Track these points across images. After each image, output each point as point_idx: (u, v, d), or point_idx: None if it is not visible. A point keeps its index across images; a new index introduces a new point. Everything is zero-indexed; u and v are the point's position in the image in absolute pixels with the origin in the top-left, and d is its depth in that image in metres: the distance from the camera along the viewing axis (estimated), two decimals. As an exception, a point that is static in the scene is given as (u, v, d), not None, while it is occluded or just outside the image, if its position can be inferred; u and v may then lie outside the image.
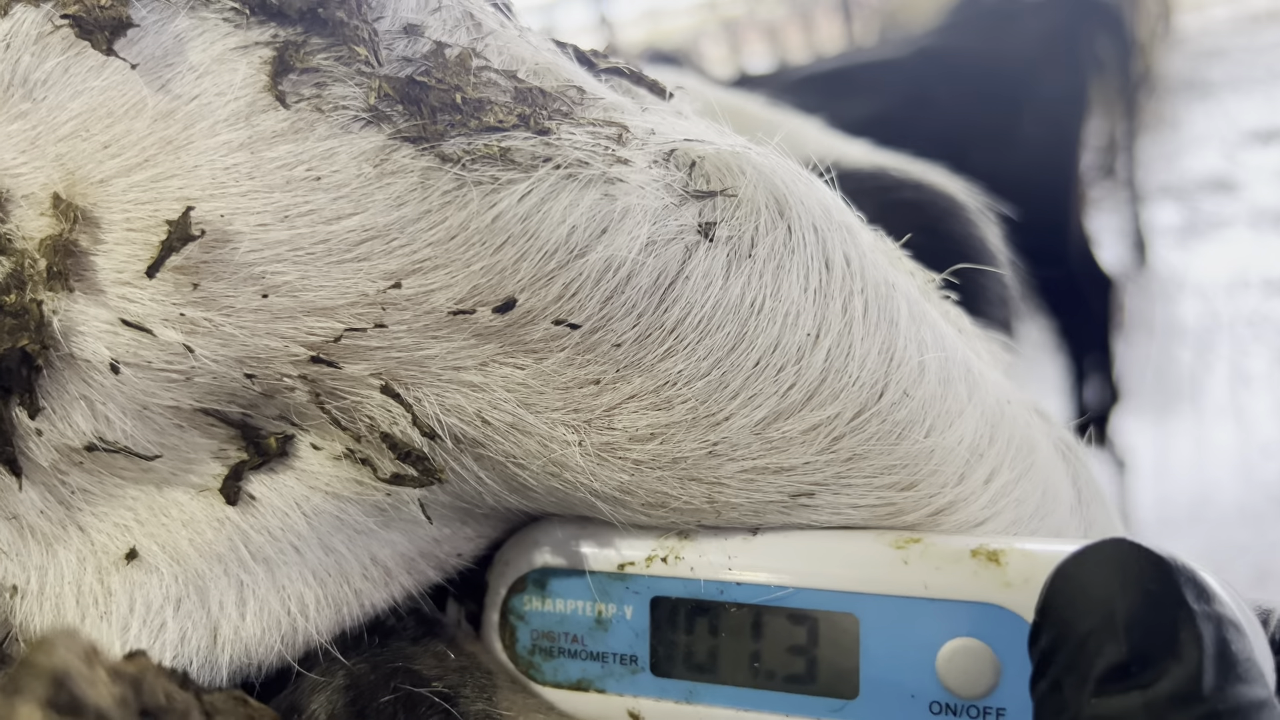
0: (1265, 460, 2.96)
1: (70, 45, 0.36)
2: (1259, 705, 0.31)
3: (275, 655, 0.40)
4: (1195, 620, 0.32)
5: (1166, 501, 2.89)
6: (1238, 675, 0.31)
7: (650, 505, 0.41)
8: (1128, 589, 0.33)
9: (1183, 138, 5.46)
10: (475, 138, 0.36)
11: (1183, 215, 4.62)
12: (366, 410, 0.38)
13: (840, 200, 0.42)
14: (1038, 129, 2.61)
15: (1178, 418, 3.28)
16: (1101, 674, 0.32)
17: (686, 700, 0.42)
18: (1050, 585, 0.35)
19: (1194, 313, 3.88)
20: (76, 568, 0.38)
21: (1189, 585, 0.33)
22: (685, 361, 0.38)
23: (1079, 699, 0.32)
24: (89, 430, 0.36)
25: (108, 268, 0.36)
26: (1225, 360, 3.52)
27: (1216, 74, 6.41)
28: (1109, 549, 0.34)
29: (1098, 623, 0.33)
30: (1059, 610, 0.34)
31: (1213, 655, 0.31)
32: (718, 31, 5.18)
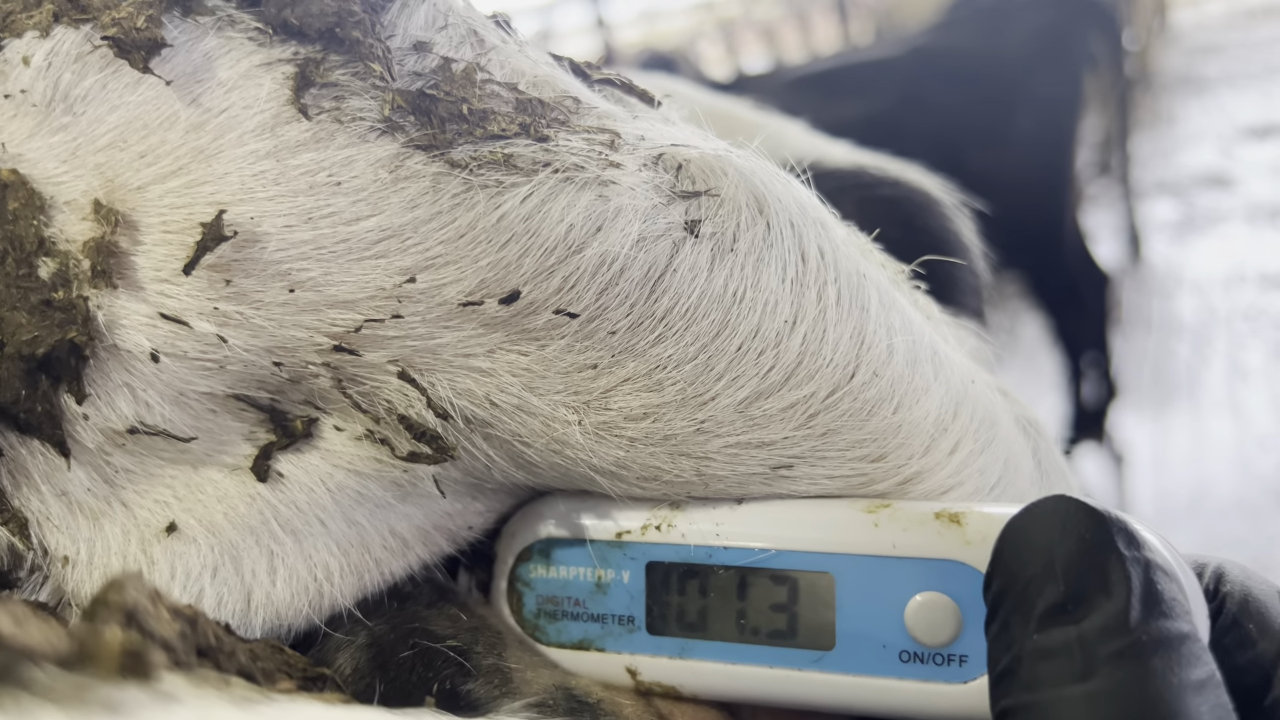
0: (1262, 454, 2.96)
1: (108, 64, 0.39)
2: (1181, 637, 0.34)
3: (303, 618, 0.43)
4: (1125, 563, 0.35)
5: (1164, 495, 2.89)
6: (1162, 611, 0.34)
7: (644, 479, 0.44)
8: (1066, 537, 0.36)
9: (1179, 134, 5.46)
10: (481, 145, 0.39)
11: (1179, 211, 4.62)
12: (384, 394, 0.41)
13: (815, 198, 0.45)
14: (1033, 127, 2.62)
15: (1175, 412, 3.28)
16: (1042, 612, 0.35)
17: (680, 655, 0.45)
18: (1001, 537, 0.38)
19: (1191, 308, 3.87)
20: (121, 540, 0.41)
21: (1120, 534, 0.36)
22: (674, 347, 0.41)
23: (1023, 635, 0.35)
24: (131, 414, 0.40)
25: (147, 266, 0.39)
26: (1222, 355, 3.51)
27: (1212, 70, 6.41)
28: (1050, 504, 0.38)
29: (1040, 568, 0.36)
30: (1007, 559, 0.38)
31: (1139, 593, 0.35)
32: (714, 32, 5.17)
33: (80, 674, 0.23)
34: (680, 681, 0.45)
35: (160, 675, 0.24)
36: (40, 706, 0.22)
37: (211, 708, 0.24)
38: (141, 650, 0.24)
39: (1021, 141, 2.62)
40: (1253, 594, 0.40)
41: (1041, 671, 0.34)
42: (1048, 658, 0.35)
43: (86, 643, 0.24)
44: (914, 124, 2.53)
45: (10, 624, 0.23)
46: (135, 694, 0.23)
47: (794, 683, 0.43)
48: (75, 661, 0.23)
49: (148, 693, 0.23)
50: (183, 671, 0.26)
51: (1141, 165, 4.85)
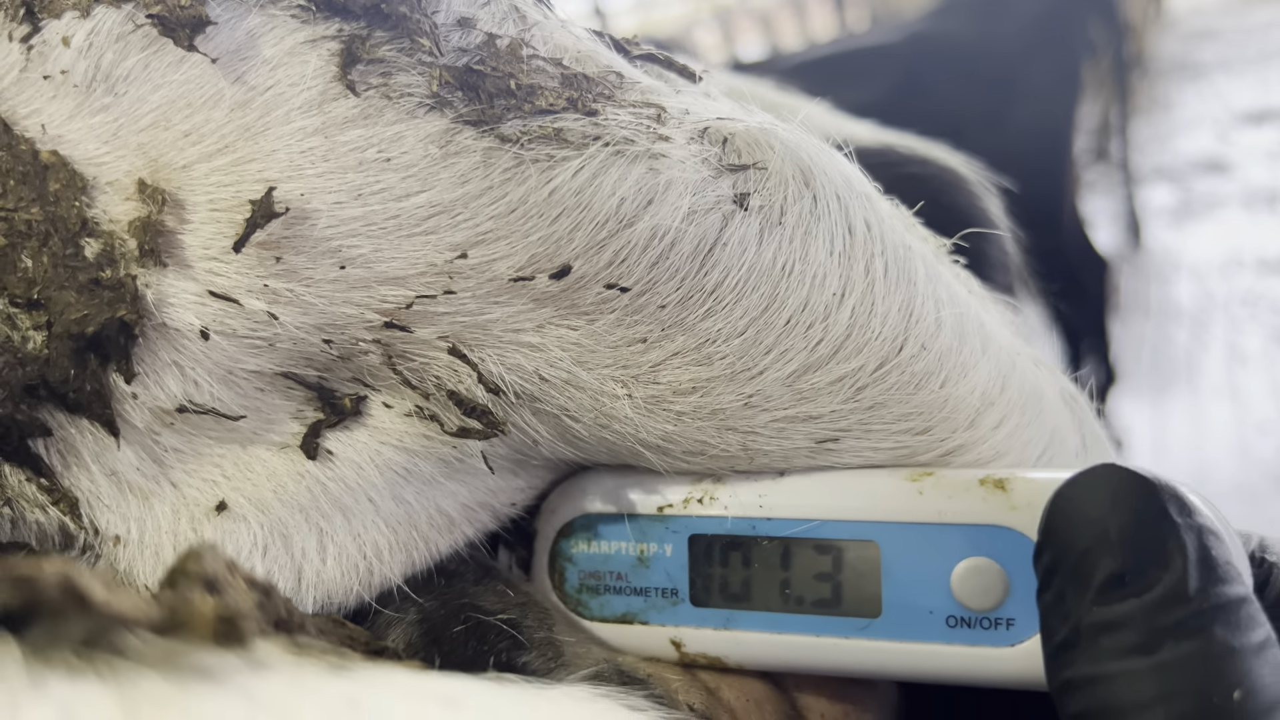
0: (1261, 438, 2.97)
1: (150, 43, 0.38)
2: (1239, 601, 0.35)
3: (354, 596, 0.43)
4: (1179, 531, 0.36)
5: (1164, 480, 2.89)
6: (1218, 577, 0.35)
7: (690, 453, 0.44)
8: (1118, 507, 0.36)
9: (1175, 119, 5.47)
10: (530, 120, 0.39)
11: (1176, 196, 4.63)
12: (434, 370, 0.41)
13: (859, 171, 0.45)
14: (1031, 113, 2.62)
15: (1174, 397, 3.28)
16: (1100, 584, 0.36)
17: (724, 626, 0.45)
18: (1050, 507, 0.38)
19: (1189, 293, 3.88)
20: (172, 519, 0.41)
21: (1172, 501, 0.36)
22: (724, 321, 0.41)
23: (1081, 607, 0.36)
24: (179, 393, 0.40)
25: (195, 245, 0.39)
26: (1220, 340, 3.52)
27: (1208, 55, 6.42)
28: (1101, 473, 0.38)
29: (1093, 539, 0.36)
30: (1059, 530, 0.38)
31: (1196, 561, 0.35)
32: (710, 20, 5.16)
33: (174, 641, 0.23)
34: (725, 652, 0.45)
35: (254, 642, 0.24)
36: (137, 672, 0.22)
37: (304, 674, 0.24)
38: (235, 616, 0.24)
39: (1020, 128, 2.62)
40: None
41: (1105, 644, 0.35)
42: (1110, 630, 0.35)
43: (178, 609, 0.24)
44: (912, 110, 2.52)
45: (102, 590, 0.23)
46: (230, 660, 0.23)
47: (840, 651, 0.44)
48: (168, 628, 0.23)
49: (242, 659, 0.23)
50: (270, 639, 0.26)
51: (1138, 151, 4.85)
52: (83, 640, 0.23)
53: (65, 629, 0.23)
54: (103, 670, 0.22)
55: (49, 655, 0.22)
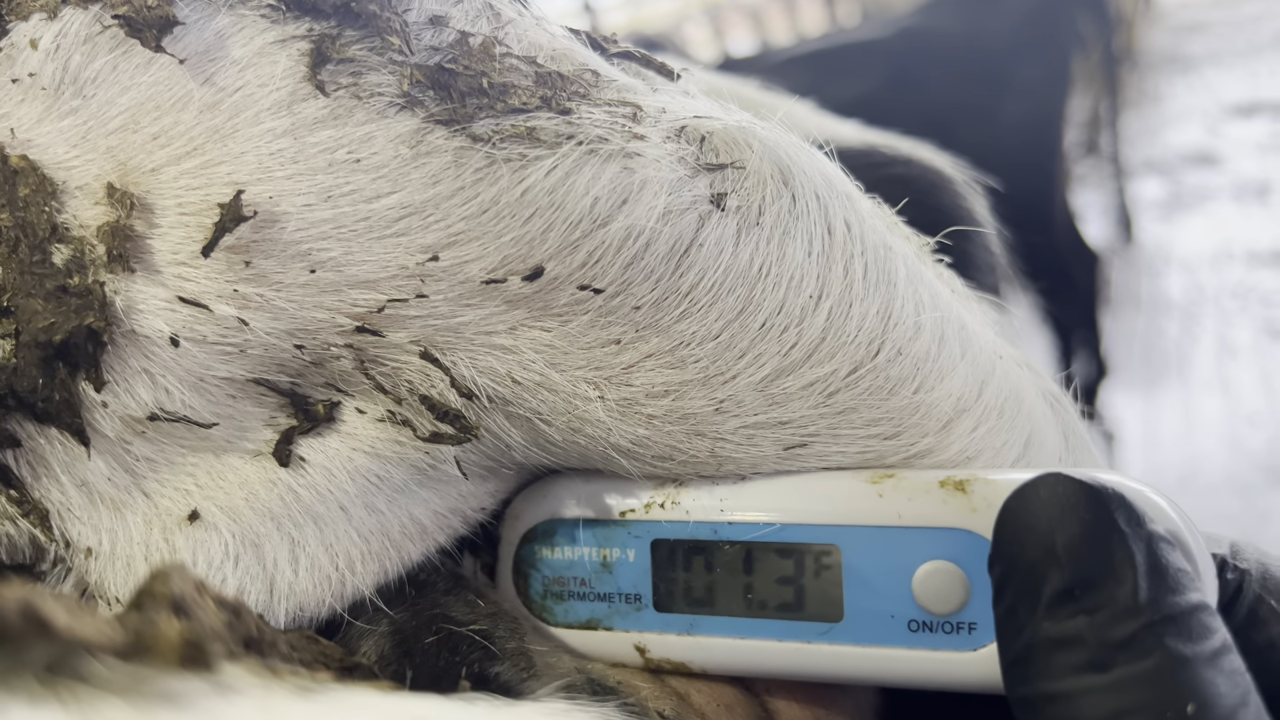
0: (1252, 430, 2.97)
1: (118, 45, 0.38)
2: (1192, 609, 0.34)
3: (326, 607, 0.42)
4: (1128, 541, 0.35)
5: (1155, 473, 2.90)
6: (1169, 586, 0.34)
7: (660, 457, 0.43)
8: (1065, 519, 0.36)
9: (1165, 112, 5.47)
10: (503, 119, 0.38)
11: (1166, 189, 4.63)
12: (406, 375, 0.41)
13: (839, 171, 0.45)
14: (1021, 107, 2.62)
15: (1165, 390, 3.29)
16: (1049, 599, 0.35)
17: (688, 632, 0.45)
18: (999, 518, 0.38)
19: (1179, 286, 3.88)
20: (144, 529, 0.40)
21: (1120, 510, 0.36)
22: (698, 323, 0.40)
23: (1033, 622, 0.36)
24: (150, 401, 0.39)
25: (164, 249, 0.38)
26: (1211, 332, 3.52)
27: (1197, 48, 6.42)
28: (1047, 482, 0.37)
29: (1041, 553, 0.36)
30: (1007, 542, 0.37)
31: (1145, 571, 0.35)
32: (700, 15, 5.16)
33: (138, 666, 0.22)
34: (689, 658, 0.45)
35: (221, 666, 0.23)
36: (100, 699, 0.21)
37: (272, 698, 0.24)
38: (202, 640, 0.23)
39: (1010, 122, 2.62)
40: (1270, 570, 0.40)
41: (1058, 661, 0.35)
42: (1062, 647, 0.35)
43: (143, 633, 0.23)
44: (902, 105, 2.52)
45: (64, 615, 0.22)
46: (196, 685, 0.22)
47: (803, 655, 0.43)
48: (133, 653, 0.23)
49: (208, 684, 0.23)
50: (237, 662, 0.25)
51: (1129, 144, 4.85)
52: (45, 666, 0.22)
53: (27, 655, 0.22)
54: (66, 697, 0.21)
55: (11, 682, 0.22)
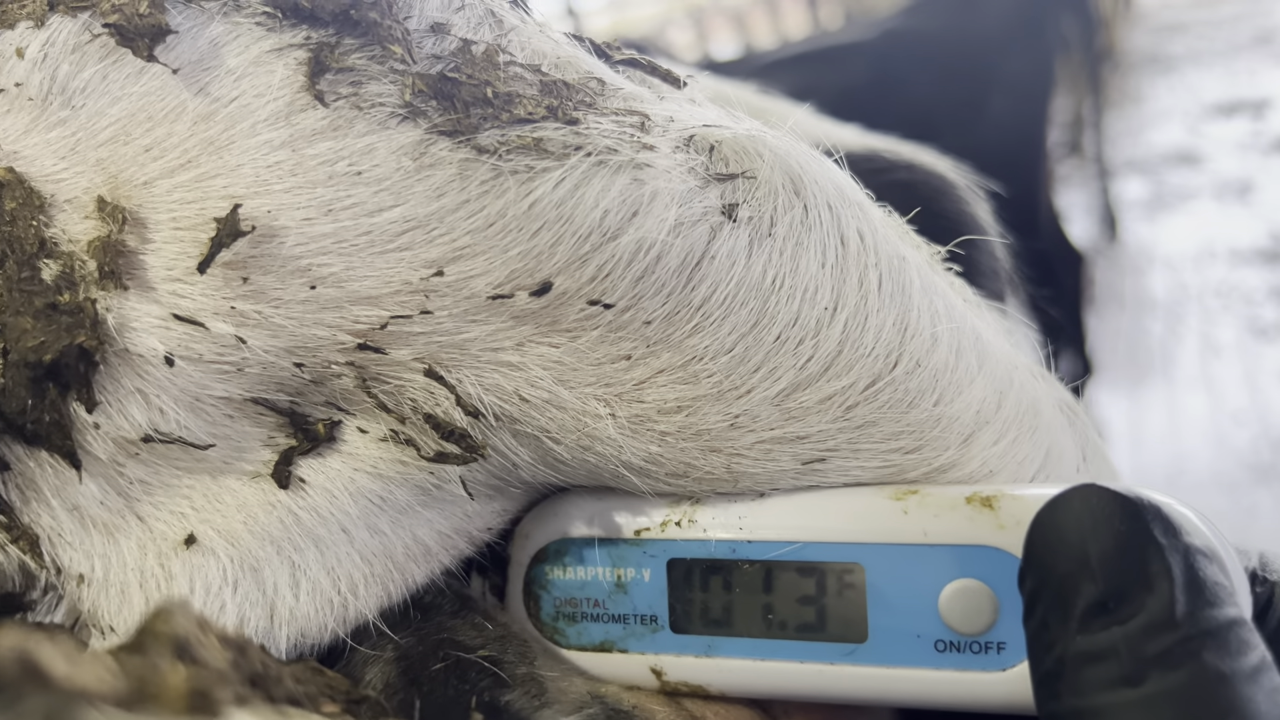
0: (1237, 428, 2.98)
1: (108, 53, 0.37)
2: (1230, 624, 0.33)
3: (329, 634, 0.41)
4: (1164, 553, 0.34)
5: (1142, 471, 2.91)
6: (1207, 600, 0.33)
7: (674, 475, 0.42)
8: (1099, 530, 0.35)
9: (1146, 112, 5.50)
10: (508, 129, 0.37)
11: (1149, 189, 4.65)
12: (410, 393, 0.39)
13: (851, 179, 0.44)
14: (1005, 108, 2.62)
15: (1150, 389, 3.30)
16: (1083, 612, 0.34)
17: (706, 654, 0.44)
18: (1031, 530, 0.37)
19: (1163, 285, 3.90)
20: (138, 555, 0.39)
21: (1156, 521, 0.35)
22: (711, 338, 0.39)
23: (1064, 636, 0.34)
24: (144, 422, 0.38)
25: (158, 265, 0.37)
26: (1195, 331, 3.54)
27: (1178, 48, 6.46)
28: (1081, 494, 0.36)
29: (1075, 565, 0.35)
30: (1039, 554, 0.37)
31: (1182, 584, 0.34)
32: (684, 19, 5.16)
33: (142, 715, 0.21)
34: (708, 680, 0.44)
35: (228, 713, 0.22)
36: (100, 751, 0.20)
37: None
38: (208, 687, 0.22)
39: (993, 123, 2.62)
40: None
41: (1090, 675, 0.33)
42: (1095, 661, 0.34)
43: (147, 680, 0.22)
44: (886, 106, 2.52)
45: (63, 663, 0.21)
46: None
47: (826, 677, 0.42)
48: (136, 702, 0.22)
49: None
50: (244, 706, 0.24)
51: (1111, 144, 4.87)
52: (45, 717, 0.21)
53: (25, 706, 0.21)
54: (61, 750, 0.20)
55: (9, 736, 0.21)
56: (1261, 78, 5.49)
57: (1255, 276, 3.75)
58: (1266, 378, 3.20)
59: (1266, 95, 5.19)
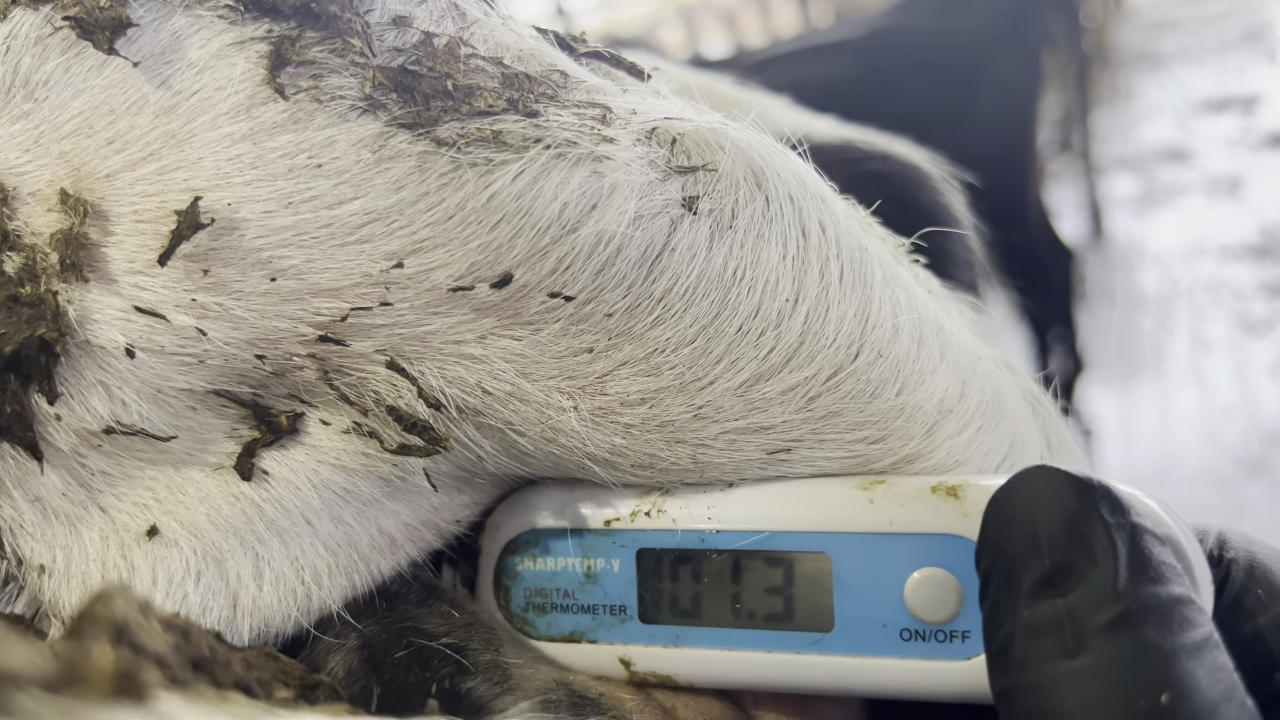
0: (1227, 423, 3.00)
1: (70, 46, 0.37)
2: (1173, 601, 0.33)
3: (292, 623, 0.41)
4: (1109, 529, 0.35)
5: (1133, 466, 2.92)
6: (1150, 576, 0.34)
7: (639, 466, 0.42)
8: (1048, 509, 0.36)
9: (1137, 109, 5.51)
10: (468, 122, 0.37)
11: (1139, 185, 4.67)
12: (372, 385, 0.40)
13: (813, 171, 0.44)
14: (994, 105, 2.63)
15: (1141, 384, 3.31)
16: (1029, 588, 0.35)
17: (674, 644, 0.44)
18: (985, 513, 0.38)
19: (1153, 281, 3.91)
20: (100, 546, 0.39)
21: (1104, 500, 0.35)
22: (673, 329, 0.39)
23: (1013, 613, 0.35)
24: (106, 414, 0.38)
25: (119, 258, 0.37)
26: (1185, 326, 3.56)
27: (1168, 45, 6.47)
28: (1032, 475, 0.37)
29: (1024, 543, 0.36)
30: (992, 536, 0.37)
31: (1126, 560, 0.34)
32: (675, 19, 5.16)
33: (69, 697, 0.21)
34: (676, 670, 0.44)
35: (156, 695, 0.22)
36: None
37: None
38: (135, 670, 0.22)
39: (983, 120, 2.63)
40: (1258, 558, 0.40)
41: (1034, 649, 0.34)
42: (1038, 635, 0.34)
43: (75, 663, 0.22)
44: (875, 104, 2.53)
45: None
46: (129, 717, 0.21)
47: (793, 666, 0.42)
48: (63, 684, 0.22)
49: (142, 715, 0.22)
50: (178, 688, 0.24)
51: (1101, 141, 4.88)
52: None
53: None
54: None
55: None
56: (1251, 74, 5.51)
57: (1245, 272, 3.77)
58: (1256, 372, 3.21)
59: (1256, 91, 5.20)
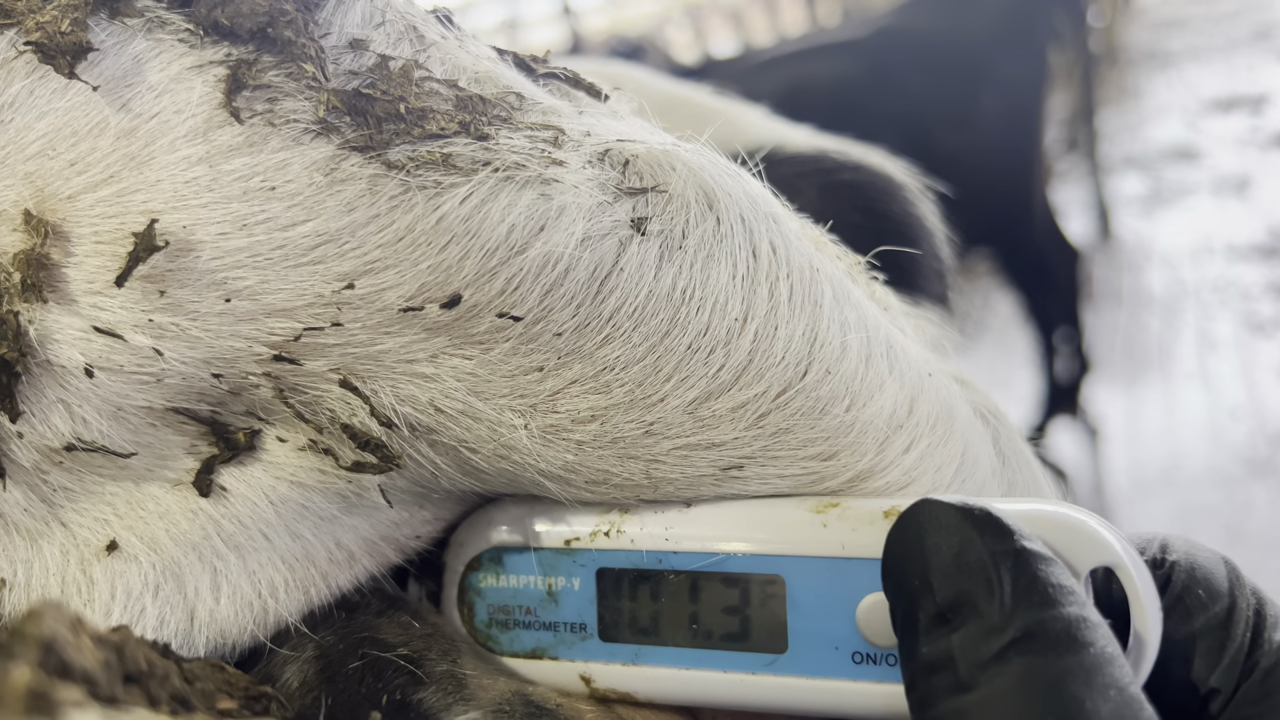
0: (1233, 423, 2.99)
1: (34, 70, 0.37)
2: (1066, 623, 0.33)
3: (249, 635, 0.42)
4: (993, 559, 0.35)
5: (1139, 467, 2.92)
6: (1037, 601, 0.34)
7: (593, 482, 0.43)
8: (936, 543, 0.36)
9: (1145, 108, 5.50)
10: (419, 145, 0.38)
11: (1147, 185, 4.66)
12: (327, 403, 0.40)
13: (767, 191, 0.44)
14: (999, 105, 2.63)
15: (1147, 385, 3.31)
16: (925, 624, 0.35)
17: (633, 662, 0.45)
18: (884, 550, 0.38)
19: (1160, 281, 3.91)
20: (60, 560, 0.40)
21: (986, 529, 0.36)
22: (622, 348, 0.40)
23: (914, 650, 0.36)
24: (67, 431, 0.39)
25: (79, 279, 0.38)
26: (1192, 327, 3.55)
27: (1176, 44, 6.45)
28: (915, 511, 0.38)
29: (917, 579, 0.36)
30: (889, 573, 0.38)
31: (1010, 588, 0.34)
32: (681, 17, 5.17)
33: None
34: (634, 688, 0.45)
35: (68, 714, 0.23)
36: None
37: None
38: (48, 689, 0.23)
39: (989, 120, 2.63)
40: (1198, 561, 0.40)
41: (933, 685, 0.34)
42: (934, 671, 0.34)
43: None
44: (881, 104, 2.54)
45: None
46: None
47: (748, 686, 0.43)
48: (-21, 703, 0.22)
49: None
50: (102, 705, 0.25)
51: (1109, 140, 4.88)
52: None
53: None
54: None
55: None
56: (1260, 73, 5.48)
57: (1253, 272, 3.76)
58: (1263, 373, 3.20)
59: (1265, 91, 5.18)
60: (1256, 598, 0.39)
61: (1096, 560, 0.37)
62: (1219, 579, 0.39)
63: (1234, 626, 0.38)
